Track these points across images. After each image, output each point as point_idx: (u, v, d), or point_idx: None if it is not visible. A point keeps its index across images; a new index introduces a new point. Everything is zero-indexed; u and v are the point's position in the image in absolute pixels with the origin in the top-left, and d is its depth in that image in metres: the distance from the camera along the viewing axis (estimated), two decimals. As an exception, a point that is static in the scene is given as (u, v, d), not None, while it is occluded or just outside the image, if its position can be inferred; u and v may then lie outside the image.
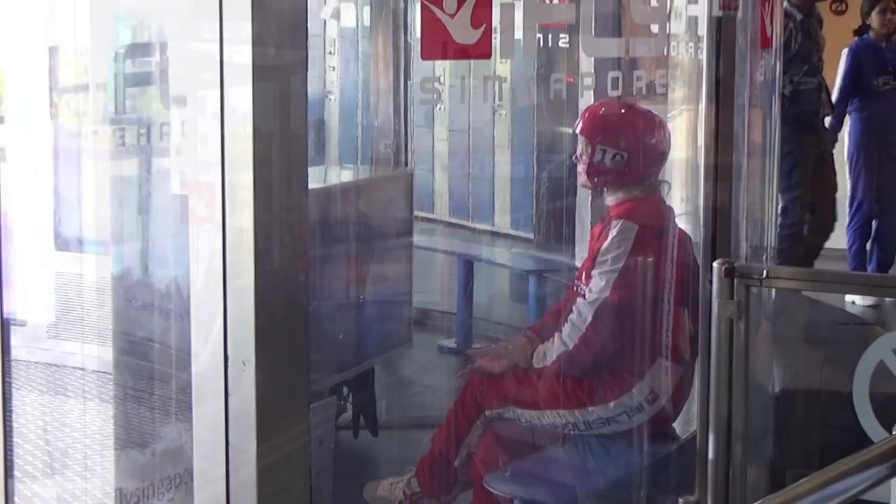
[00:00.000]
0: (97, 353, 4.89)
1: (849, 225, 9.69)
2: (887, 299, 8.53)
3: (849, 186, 9.75)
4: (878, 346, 4.42)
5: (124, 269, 4.81)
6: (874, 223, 9.80)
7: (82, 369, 4.92)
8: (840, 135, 9.96)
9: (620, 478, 4.85)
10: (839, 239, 9.71)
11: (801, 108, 9.17)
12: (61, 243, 4.59)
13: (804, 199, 9.16)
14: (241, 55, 3.20)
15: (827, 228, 9.41)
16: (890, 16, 10.14)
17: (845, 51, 9.96)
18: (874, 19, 9.88)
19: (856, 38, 10.07)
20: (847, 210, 9.71)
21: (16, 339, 4.06)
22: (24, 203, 4.12)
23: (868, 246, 9.83)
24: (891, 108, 9.71)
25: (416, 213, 6.29)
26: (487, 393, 4.86)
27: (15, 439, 4.04)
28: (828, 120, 9.71)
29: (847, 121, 9.95)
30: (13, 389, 4.00)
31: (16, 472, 4.04)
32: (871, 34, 9.91)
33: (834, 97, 9.67)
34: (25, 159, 4.16)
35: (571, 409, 4.78)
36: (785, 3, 9.03)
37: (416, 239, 6.15)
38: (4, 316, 3.99)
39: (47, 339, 4.57)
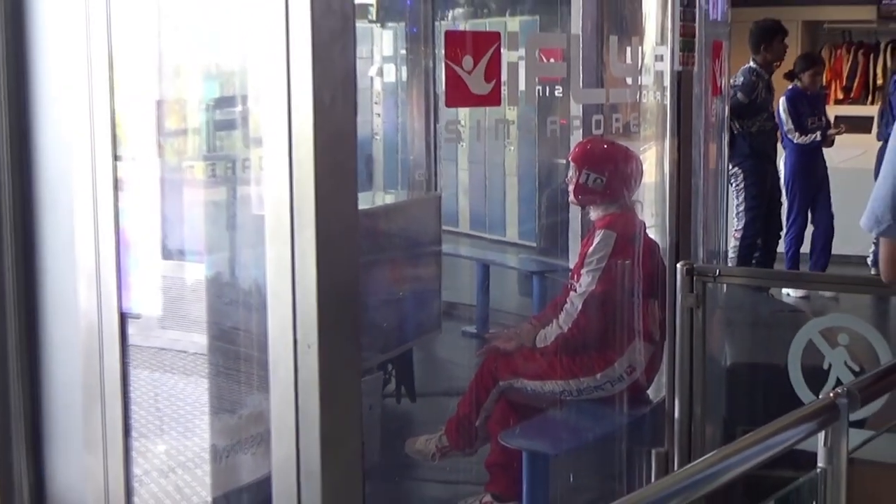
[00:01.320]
0: (196, 340, 4.90)
1: (786, 234, 9.68)
2: (816, 291, 8.55)
3: (786, 205, 9.73)
4: (807, 328, 4.42)
5: (216, 273, 4.83)
6: (811, 234, 9.80)
7: (184, 352, 4.93)
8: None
9: (606, 433, 4.85)
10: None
11: (764, 144, 9.19)
12: (166, 253, 4.60)
13: (760, 216, 9.17)
14: (304, 104, 3.21)
15: (775, 238, 9.41)
16: (818, 78, 10.20)
17: (783, 98, 9.93)
18: (806, 77, 9.85)
19: (788, 83, 10.07)
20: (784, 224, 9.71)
21: (132, 329, 4.07)
22: (138, 222, 4.12)
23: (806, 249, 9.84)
24: (817, 141, 9.70)
25: (443, 227, 6.31)
26: (501, 367, 4.87)
27: (132, 407, 4.07)
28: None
29: (781, 151, 9.93)
30: (131, 368, 4.03)
31: (133, 433, 4.06)
32: (800, 85, 9.88)
33: (793, 132, 9.66)
34: (138, 188, 4.16)
35: (567, 380, 4.79)
36: (753, 65, 9.04)
37: (444, 247, 6.16)
38: (123, 311, 4.02)
39: (157, 329, 4.57)
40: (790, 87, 10.12)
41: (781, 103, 9.88)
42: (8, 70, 4.24)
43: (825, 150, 9.96)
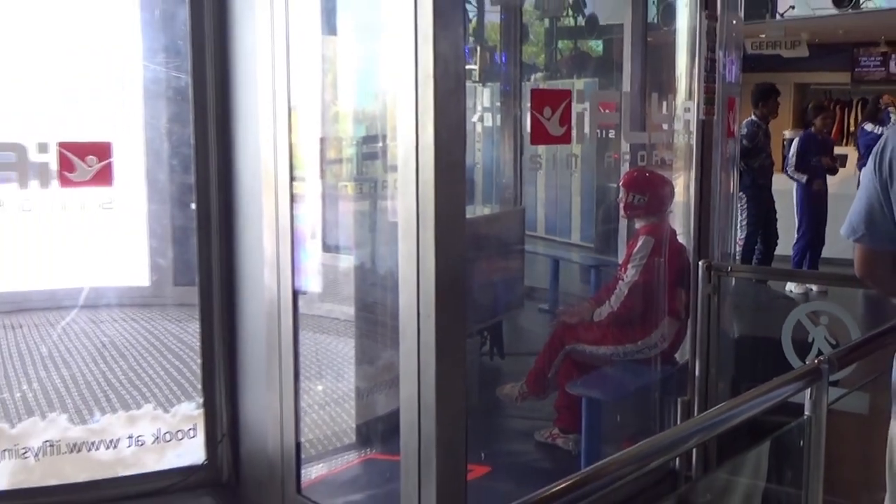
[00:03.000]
0: (346, 310, 4.94)
1: (795, 244, 9.46)
2: (812, 288, 8.37)
3: (796, 224, 9.52)
4: (797, 311, 4.38)
5: (361, 262, 4.87)
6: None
7: (337, 319, 4.98)
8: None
9: (644, 386, 4.82)
10: (786, 249, 9.47)
11: (763, 177, 9.07)
12: (326, 248, 4.63)
13: (757, 230, 9.05)
14: (427, 142, 3.23)
15: (772, 245, 9.23)
16: (828, 121, 10.01)
17: (796, 140, 9.73)
18: (818, 121, 9.65)
19: (789, 130, 9.92)
20: (794, 238, 9.49)
21: (301, 302, 4.10)
22: (307, 225, 4.16)
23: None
24: (823, 175, 9.47)
25: (525, 231, 6.30)
26: (567, 335, 4.86)
27: (300, 358, 4.12)
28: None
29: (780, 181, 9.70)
30: (299, 330, 4.08)
31: (300, 377, 4.11)
32: (813, 129, 9.66)
33: (791, 167, 9.47)
34: (308, 200, 4.20)
35: (615, 345, 4.76)
36: (754, 117, 8.91)
37: (526, 246, 6.16)
38: (295, 289, 4.07)
39: (318, 302, 4.61)
40: (803, 131, 9.91)
41: (794, 143, 9.69)
42: (217, 114, 4.32)
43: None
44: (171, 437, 4.43)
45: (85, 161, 3.98)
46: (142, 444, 4.38)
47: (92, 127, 4.10)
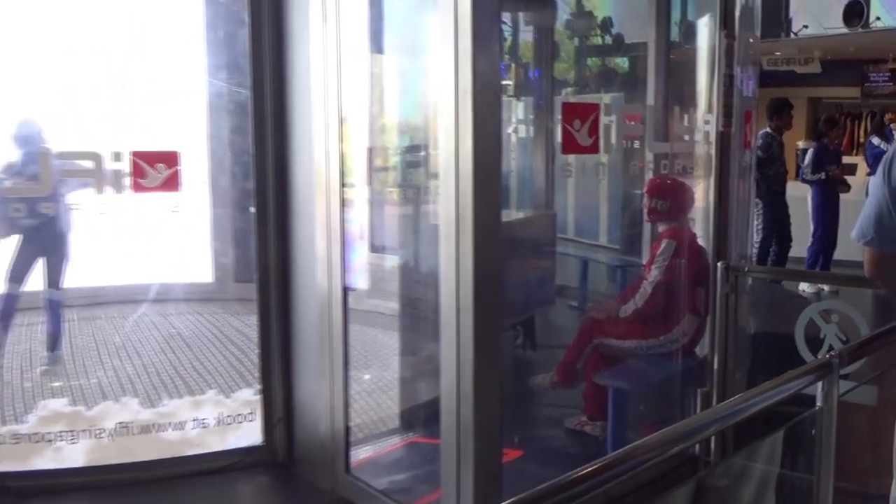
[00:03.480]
0: (391, 305, 4.94)
1: (809, 247, 9.33)
2: (824, 288, 8.24)
3: (811, 228, 9.39)
4: (809, 309, 4.32)
5: (405, 261, 4.87)
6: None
7: (383, 314, 4.97)
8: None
9: (666, 377, 4.77)
10: (801, 252, 9.34)
11: (777, 184, 8.97)
12: (373, 248, 4.63)
13: (772, 234, 8.95)
14: (466, 151, 3.22)
15: (786, 247, 9.12)
16: (839, 133, 9.93)
17: (811, 150, 9.62)
18: (832, 133, 9.58)
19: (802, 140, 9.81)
20: (809, 241, 9.35)
21: (350, 298, 4.11)
22: (356, 227, 4.17)
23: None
24: (835, 182, 9.34)
25: (557, 234, 6.27)
26: (594, 330, 4.82)
27: (349, 348, 4.13)
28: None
29: (808, 189, 9.56)
30: (349, 323, 4.09)
31: (349, 365, 4.12)
32: (826, 140, 9.53)
33: (807, 174, 9.35)
34: (357, 205, 4.21)
35: (639, 340, 4.72)
36: (768, 129, 8.81)
37: (557, 248, 6.13)
38: (345, 285, 4.08)
39: (366, 298, 4.61)
40: (816, 143, 9.78)
41: (808, 154, 9.56)
42: (274, 126, 4.34)
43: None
44: (232, 421, 4.46)
45: (155, 168, 4.01)
46: (205, 427, 4.41)
47: (161, 137, 4.12)
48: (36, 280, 4.95)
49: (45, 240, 4.78)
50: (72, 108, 4.34)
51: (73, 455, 4.23)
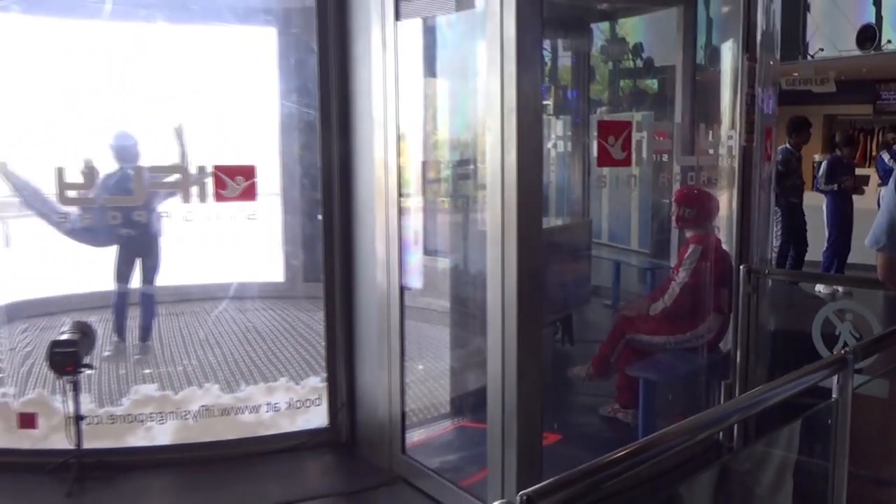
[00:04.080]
0: (442, 303, 4.93)
1: (825, 252, 9.14)
2: (839, 289, 8.07)
3: (826, 234, 9.21)
4: (825, 309, 4.22)
5: (455, 264, 4.86)
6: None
7: (435, 310, 4.97)
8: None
9: (692, 370, 4.70)
10: (817, 256, 9.17)
11: (795, 196, 8.84)
12: (427, 252, 4.61)
13: (790, 240, 8.81)
14: (511, 165, 3.21)
15: (803, 252, 8.96)
16: (853, 150, 9.70)
17: (825, 162, 9.43)
18: (846, 150, 9.38)
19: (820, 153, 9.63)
20: (824, 246, 9.16)
21: (407, 296, 4.11)
22: (412, 233, 4.17)
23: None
24: (848, 193, 9.15)
25: (592, 239, 6.22)
26: (626, 326, 4.77)
27: (405, 342, 4.13)
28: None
29: (824, 198, 9.37)
30: (405, 319, 4.10)
31: (405, 357, 4.13)
32: (839, 153, 9.35)
33: (821, 185, 9.18)
34: (412, 213, 4.20)
35: (667, 336, 4.66)
36: (787, 145, 8.67)
37: (593, 252, 6.07)
38: (401, 285, 4.09)
39: (420, 296, 4.60)
40: (830, 155, 9.59)
41: (823, 165, 9.37)
42: (339, 143, 4.37)
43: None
44: (301, 405, 4.50)
45: (234, 180, 4.07)
46: (277, 410, 4.45)
47: (240, 153, 4.18)
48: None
49: (140, 244, 4.87)
50: (162, 124, 4.42)
51: (161, 434, 4.30)
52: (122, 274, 5.00)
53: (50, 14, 4.47)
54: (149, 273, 5.06)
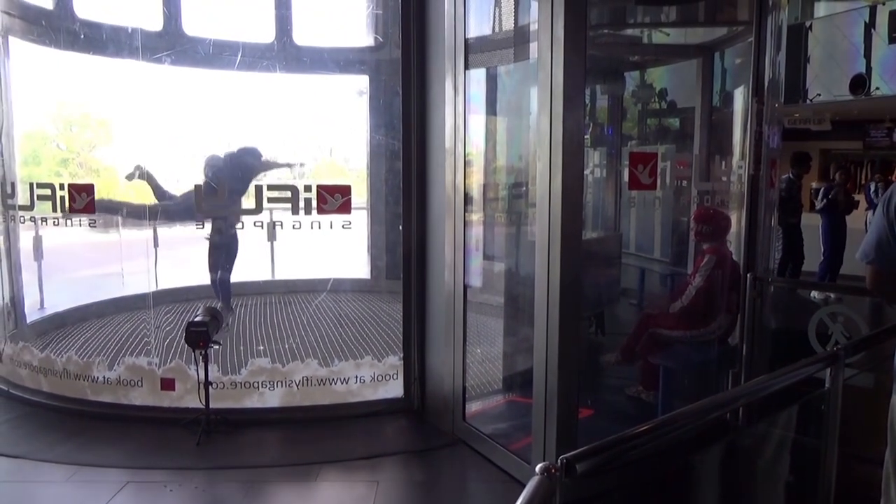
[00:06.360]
0: (497, 300, 4.90)
1: (820, 264, 8.84)
2: (831, 296, 7.80)
3: (821, 249, 8.92)
4: (820, 311, 4.11)
5: (509, 267, 4.83)
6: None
7: (491, 305, 4.93)
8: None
9: (705, 360, 4.59)
10: (813, 267, 8.88)
11: (794, 217, 8.58)
12: (486, 257, 4.60)
13: (787, 255, 8.55)
14: (557, 187, 3.18)
15: (800, 264, 8.68)
16: (847, 178, 9.40)
17: (822, 189, 9.14)
18: (838, 176, 9.11)
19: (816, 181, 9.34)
20: (820, 258, 8.87)
21: (469, 293, 4.10)
22: (474, 241, 4.16)
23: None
24: (841, 214, 8.85)
25: (622, 249, 6.11)
26: (650, 322, 4.68)
27: (467, 330, 4.12)
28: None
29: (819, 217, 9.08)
30: (467, 312, 4.09)
31: (466, 342, 4.11)
32: (833, 181, 9.06)
33: (819, 206, 8.90)
34: (474, 224, 4.19)
35: (685, 331, 4.55)
36: (790, 175, 8.43)
37: (622, 260, 5.97)
38: (465, 284, 4.09)
39: (479, 293, 4.59)
40: (826, 183, 9.30)
41: (821, 191, 9.09)
42: (417, 168, 4.39)
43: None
44: (382, 378, 4.52)
45: (333, 197, 4.14)
46: (363, 382, 4.49)
47: (338, 175, 4.25)
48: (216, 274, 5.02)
49: (229, 244, 4.87)
50: (279, 152, 4.52)
51: (271, 398, 4.38)
52: (216, 265, 4.97)
53: (194, 66, 4.59)
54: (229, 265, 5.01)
